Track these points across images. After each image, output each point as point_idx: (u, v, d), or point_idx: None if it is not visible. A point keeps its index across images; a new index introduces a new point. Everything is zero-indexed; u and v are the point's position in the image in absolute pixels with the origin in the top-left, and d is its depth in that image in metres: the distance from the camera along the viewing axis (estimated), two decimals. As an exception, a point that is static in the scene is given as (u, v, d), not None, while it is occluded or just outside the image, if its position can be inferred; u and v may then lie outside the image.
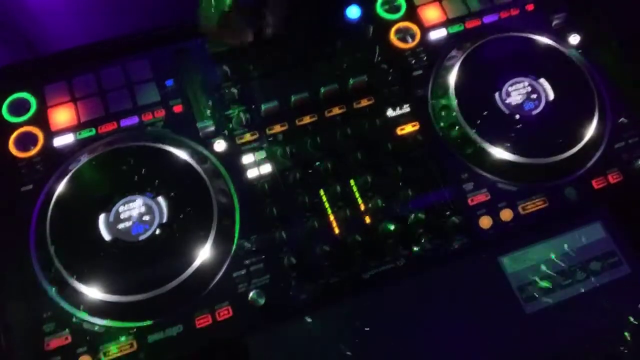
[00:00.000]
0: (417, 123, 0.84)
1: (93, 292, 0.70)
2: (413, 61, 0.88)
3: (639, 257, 0.79)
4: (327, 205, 0.78)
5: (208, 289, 0.74)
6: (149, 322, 0.72)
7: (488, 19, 0.92)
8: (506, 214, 0.79)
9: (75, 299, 0.71)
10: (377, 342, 0.73)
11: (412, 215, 0.78)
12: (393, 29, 0.90)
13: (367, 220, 0.78)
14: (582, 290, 0.77)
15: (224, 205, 0.77)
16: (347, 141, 0.82)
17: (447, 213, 0.78)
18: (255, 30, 0.84)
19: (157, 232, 0.74)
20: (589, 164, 0.82)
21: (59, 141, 0.81)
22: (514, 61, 0.86)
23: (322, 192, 0.79)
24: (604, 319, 0.76)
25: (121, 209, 0.75)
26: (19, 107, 0.83)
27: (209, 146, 0.81)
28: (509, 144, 0.80)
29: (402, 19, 0.91)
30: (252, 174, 0.80)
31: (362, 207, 0.78)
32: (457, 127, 0.82)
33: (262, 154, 0.81)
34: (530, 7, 0.93)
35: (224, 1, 0.78)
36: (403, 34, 0.89)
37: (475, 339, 0.74)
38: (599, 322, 0.75)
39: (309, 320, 0.73)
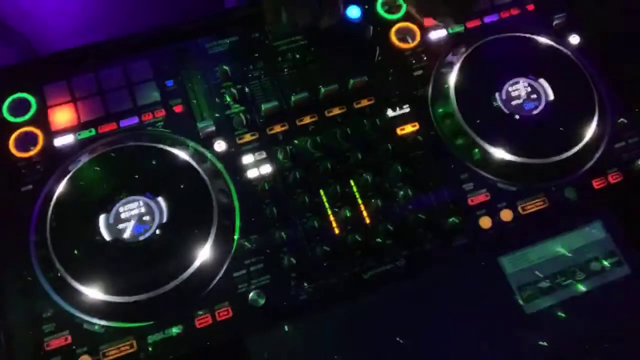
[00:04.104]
0: (417, 123, 0.84)
1: (93, 293, 0.70)
2: (413, 61, 0.88)
3: (639, 257, 0.79)
4: (327, 205, 0.78)
5: (208, 289, 0.74)
6: (149, 323, 0.72)
7: (488, 18, 0.92)
8: (506, 214, 0.79)
9: (75, 299, 0.71)
10: (377, 342, 0.73)
11: (412, 215, 0.78)
12: (393, 29, 0.89)
13: (367, 220, 0.78)
14: (582, 290, 0.77)
15: (224, 205, 0.77)
16: (347, 141, 0.82)
17: (447, 213, 0.78)
18: (316, 14, 0.81)
19: (157, 232, 0.74)
20: (589, 164, 0.82)
21: (59, 141, 0.81)
22: (514, 61, 0.86)
23: (322, 192, 0.79)
24: (604, 319, 0.76)
25: (121, 209, 0.75)
26: (19, 107, 0.83)
27: (209, 146, 0.81)
28: (509, 144, 0.80)
29: (402, 19, 0.91)
30: (252, 174, 0.80)
31: (362, 207, 0.78)
32: (456, 127, 0.82)
33: (262, 154, 0.81)
34: (530, 7, 0.93)
35: None
36: (403, 34, 0.89)
37: (475, 339, 0.74)
38: (599, 322, 0.75)
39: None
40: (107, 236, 0.73)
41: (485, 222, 0.79)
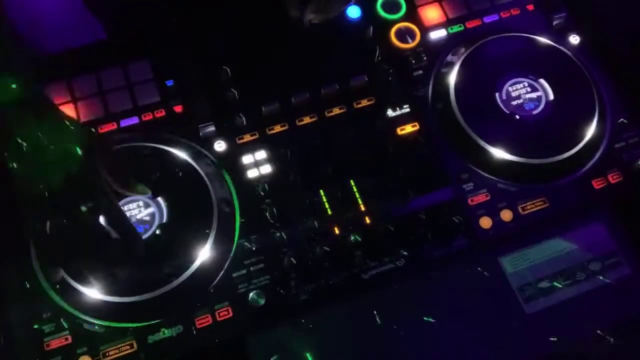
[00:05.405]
0: (417, 123, 0.84)
1: (93, 293, 0.70)
2: (413, 61, 0.88)
3: (639, 257, 0.79)
4: (327, 205, 0.78)
5: (208, 289, 0.74)
6: (148, 323, 0.72)
7: (488, 18, 0.92)
8: (506, 215, 0.79)
9: (75, 299, 0.71)
10: (377, 342, 0.73)
11: (412, 216, 0.78)
12: (393, 29, 0.89)
13: (367, 220, 0.78)
14: (582, 290, 0.77)
15: (224, 206, 0.77)
16: (347, 141, 0.82)
17: (447, 213, 0.78)
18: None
19: (157, 232, 0.74)
20: (589, 164, 0.82)
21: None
22: (514, 61, 0.86)
23: (322, 192, 0.79)
24: (604, 319, 0.76)
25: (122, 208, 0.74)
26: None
27: (209, 146, 0.81)
28: (509, 144, 0.80)
29: (402, 19, 0.91)
30: (252, 174, 0.80)
31: (362, 207, 0.78)
32: (457, 127, 0.82)
33: (262, 154, 0.81)
34: (530, 7, 0.93)
35: None
36: (403, 34, 0.89)
37: (475, 339, 0.74)
38: (599, 322, 0.75)
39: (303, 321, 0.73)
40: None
41: (485, 222, 0.79)
